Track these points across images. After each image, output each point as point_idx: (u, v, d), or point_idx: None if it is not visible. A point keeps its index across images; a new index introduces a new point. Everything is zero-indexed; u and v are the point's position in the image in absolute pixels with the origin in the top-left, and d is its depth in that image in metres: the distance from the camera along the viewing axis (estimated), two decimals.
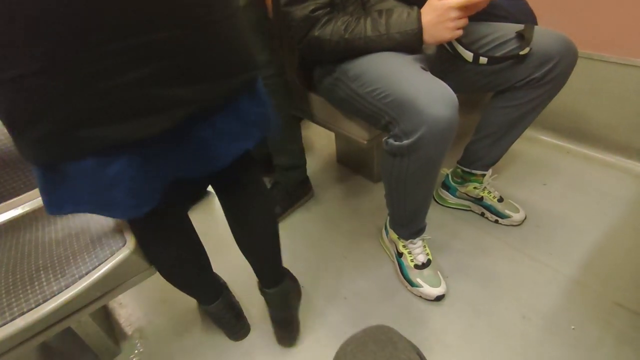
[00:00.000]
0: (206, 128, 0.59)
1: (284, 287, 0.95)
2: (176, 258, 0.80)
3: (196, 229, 0.84)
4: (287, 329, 0.97)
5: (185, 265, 0.83)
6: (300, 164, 1.35)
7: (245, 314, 1.02)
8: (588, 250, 1.08)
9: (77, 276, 0.72)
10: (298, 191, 1.38)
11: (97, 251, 0.76)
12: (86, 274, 0.72)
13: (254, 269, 0.93)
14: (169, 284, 0.84)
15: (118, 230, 0.80)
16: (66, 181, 0.54)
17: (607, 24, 1.22)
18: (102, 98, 0.47)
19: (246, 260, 0.92)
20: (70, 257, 0.76)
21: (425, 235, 1.06)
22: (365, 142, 1.09)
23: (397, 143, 0.79)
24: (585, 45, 1.22)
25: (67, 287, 0.70)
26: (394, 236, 1.08)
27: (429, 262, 1.05)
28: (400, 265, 1.08)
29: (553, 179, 1.34)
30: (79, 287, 0.70)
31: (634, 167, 1.32)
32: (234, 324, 0.98)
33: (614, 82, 1.27)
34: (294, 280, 1.09)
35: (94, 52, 0.45)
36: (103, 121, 0.49)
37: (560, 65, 0.91)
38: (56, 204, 0.58)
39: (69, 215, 0.90)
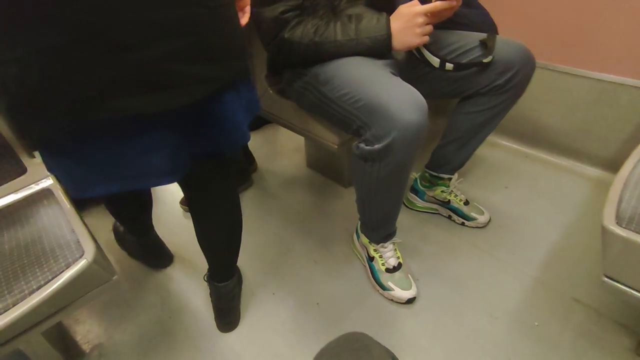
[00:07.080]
0: (222, 105, 0.63)
1: (234, 280, 0.97)
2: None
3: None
4: (230, 317, 1.00)
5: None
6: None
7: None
8: (547, 250, 1.14)
9: (26, 292, 0.65)
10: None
11: (50, 263, 0.70)
12: (37, 289, 0.66)
13: (209, 263, 0.94)
14: (131, 299, 0.80)
15: (74, 240, 0.74)
16: (100, 156, 0.56)
17: (560, 37, 1.30)
18: (128, 69, 0.50)
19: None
20: (19, 271, 0.69)
21: (395, 238, 1.07)
22: (336, 147, 1.09)
23: (368, 148, 0.79)
24: (541, 56, 1.29)
25: (14, 304, 0.64)
26: (365, 240, 1.09)
27: (399, 266, 1.06)
28: (372, 269, 1.08)
29: (514, 182, 1.40)
30: (29, 304, 0.64)
31: (585, 170, 1.41)
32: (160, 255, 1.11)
33: (567, 91, 1.36)
34: (238, 270, 1.11)
35: (123, 24, 0.47)
36: (128, 92, 0.51)
37: (520, 74, 0.95)
38: (88, 184, 0.61)
39: (18, 226, 0.82)
